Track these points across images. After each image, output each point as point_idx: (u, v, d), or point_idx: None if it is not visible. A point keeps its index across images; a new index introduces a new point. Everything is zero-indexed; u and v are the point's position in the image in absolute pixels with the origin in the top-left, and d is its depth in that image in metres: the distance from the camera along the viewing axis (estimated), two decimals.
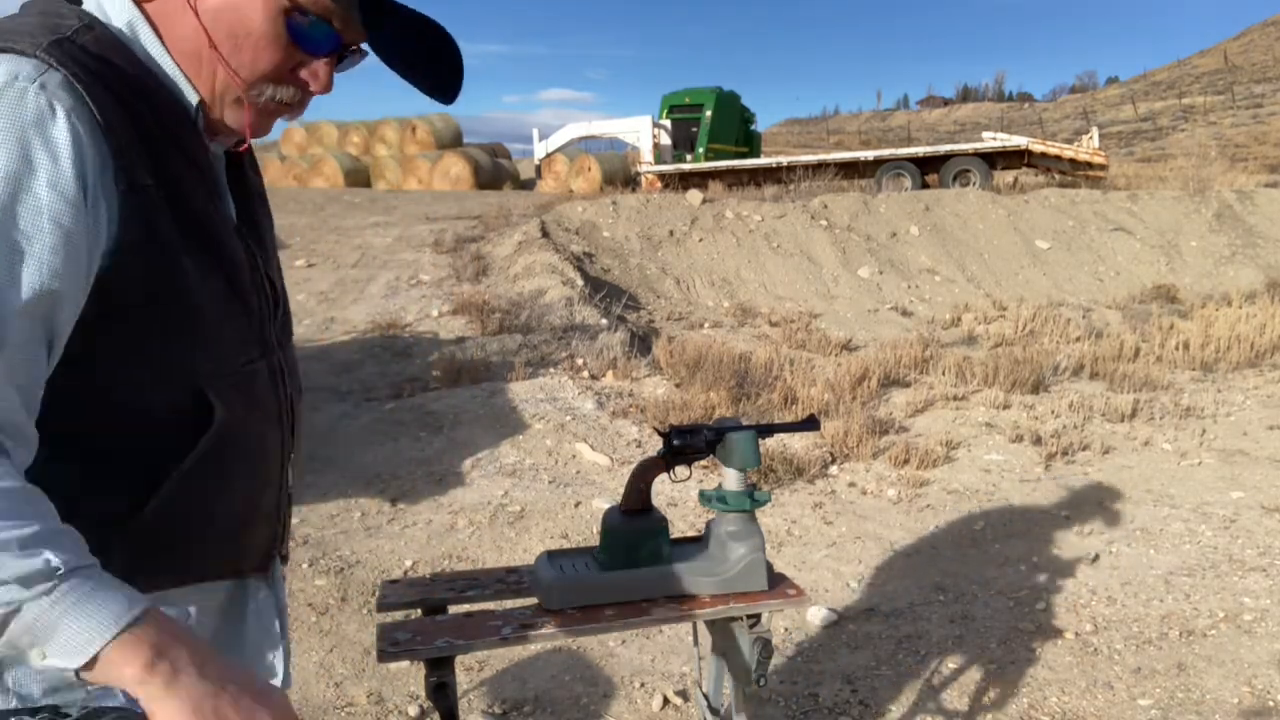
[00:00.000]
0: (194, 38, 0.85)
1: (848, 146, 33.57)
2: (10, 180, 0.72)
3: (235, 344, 0.92)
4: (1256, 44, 54.44)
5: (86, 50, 0.79)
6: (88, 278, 0.78)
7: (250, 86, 0.87)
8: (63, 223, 0.74)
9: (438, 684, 1.44)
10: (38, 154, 0.73)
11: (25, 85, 0.73)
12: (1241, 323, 8.07)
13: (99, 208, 0.78)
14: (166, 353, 0.85)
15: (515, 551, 3.66)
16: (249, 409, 0.93)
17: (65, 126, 0.74)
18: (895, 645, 2.99)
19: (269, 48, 0.85)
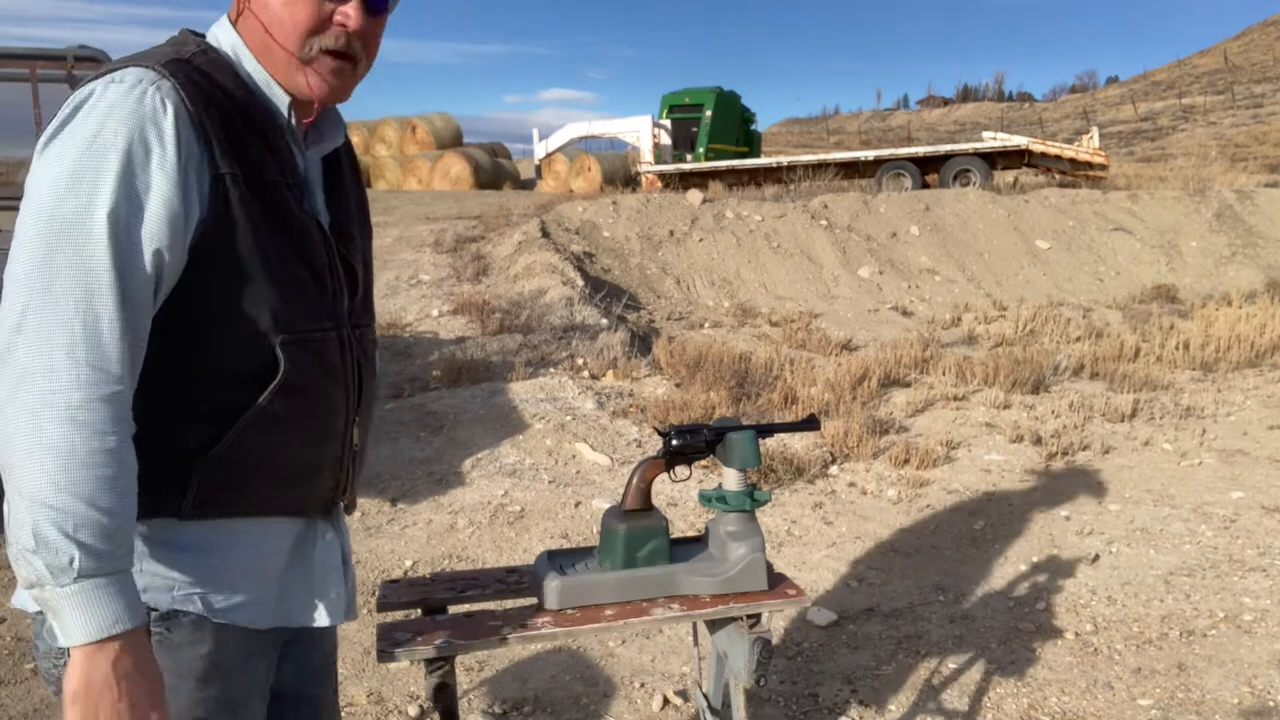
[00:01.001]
0: (261, 35, 1.05)
1: (848, 146, 33.58)
2: (130, 158, 0.92)
3: (306, 312, 1.06)
4: (1256, 44, 54.44)
5: (197, 68, 1.00)
6: (185, 246, 0.96)
7: (300, 47, 1.04)
8: (168, 198, 0.94)
9: (438, 684, 1.44)
10: (152, 140, 0.93)
11: (146, 87, 0.94)
12: (1241, 323, 8.06)
13: (191, 188, 0.96)
14: (245, 316, 1.00)
15: (515, 551, 3.65)
16: (315, 370, 1.07)
17: (172, 120, 0.94)
18: (895, 645, 2.99)
19: (301, 8, 1.02)
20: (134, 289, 0.92)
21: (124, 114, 0.92)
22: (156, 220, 0.93)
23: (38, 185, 0.92)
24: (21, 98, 4.51)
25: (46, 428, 0.86)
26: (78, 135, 0.92)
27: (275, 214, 1.03)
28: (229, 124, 1.00)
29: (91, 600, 0.86)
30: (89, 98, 0.94)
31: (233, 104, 1.02)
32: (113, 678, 0.87)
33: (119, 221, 0.91)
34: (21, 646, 2.91)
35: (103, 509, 0.87)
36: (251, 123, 1.03)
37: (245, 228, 0.99)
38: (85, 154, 0.91)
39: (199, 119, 0.97)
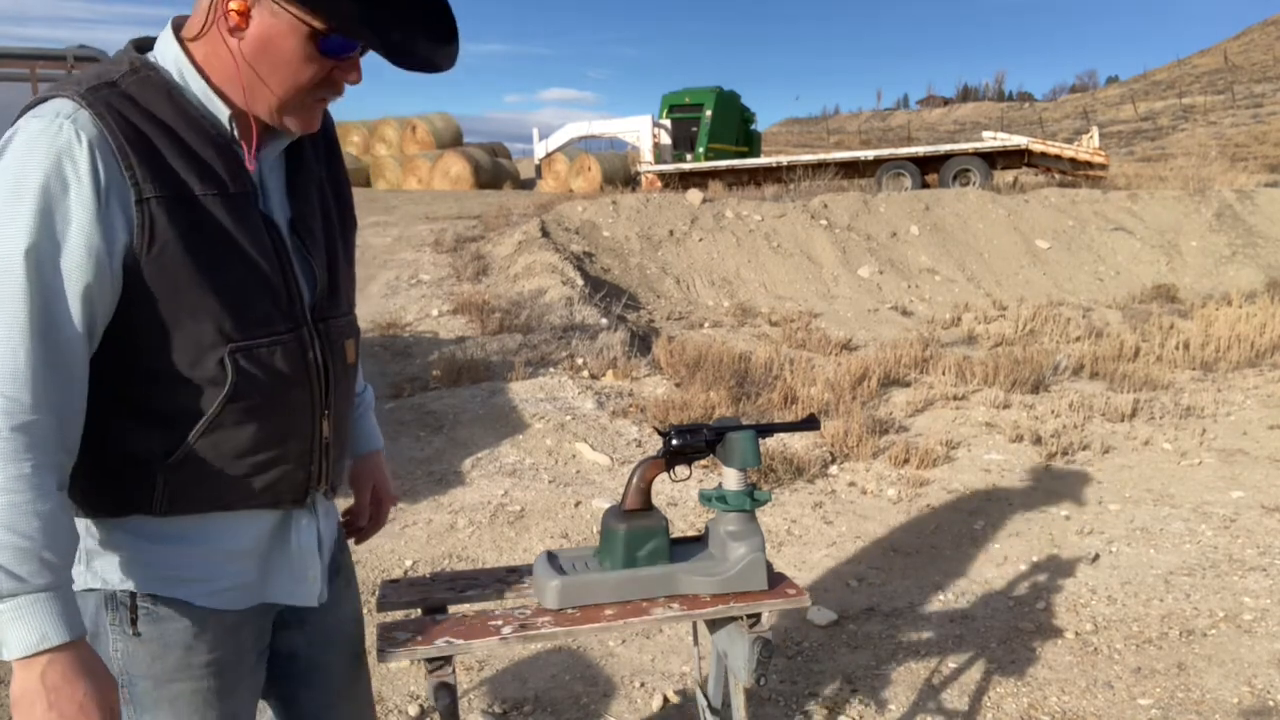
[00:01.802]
0: (238, 69, 1.04)
1: (848, 146, 33.57)
2: (48, 194, 0.95)
3: (254, 320, 1.09)
4: (1256, 44, 54.44)
5: (121, 92, 1.01)
6: (115, 271, 0.99)
7: (294, 96, 1.06)
8: (87, 230, 0.96)
9: (438, 684, 1.43)
10: (68, 173, 0.96)
11: (62, 120, 0.96)
12: (1241, 322, 8.06)
13: (114, 215, 0.98)
14: (188, 330, 1.04)
15: (515, 551, 3.66)
16: (267, 375, 1.11)
17: (87, 152, 0.96)
18: (895, 645, 2.99)
19: (305, 67, 1.05)
20: (56, 322, 0.96)
21: (40, 150, 0.95)
22: (78, 252, 0.96)
23: None
24: (21, 98, 4.52)
25: None
26: (2, 175, 0.96)
27: (209, 227, 1.04)
28: (150, 146, 1.01)
29: (19, 618, 0.92)
30: (14, 135, 0.98)
31: (157, 125, 1.02)
32: (41, 689, 0.94)
33: (38, 259, 0.94)
34: None
35: (20, 533, 0.92)
36: (180, 140, 1.03)
37: (176, 246, 1.01)
38: (5, 194, 0.95)
39: (117, 145, 0.98)
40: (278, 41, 1.03)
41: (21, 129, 0.97)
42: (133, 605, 1.12)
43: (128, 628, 1.13)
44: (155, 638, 1.13)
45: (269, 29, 1.02)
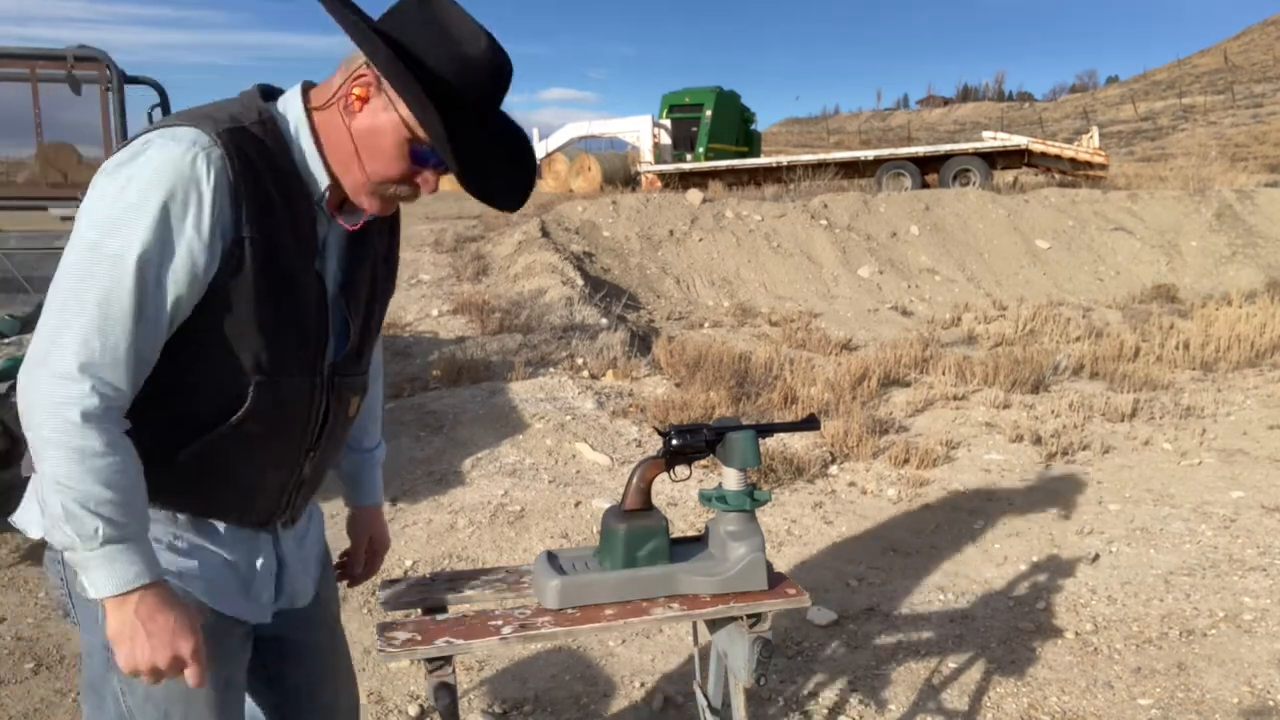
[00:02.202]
0: (345, 146, 1.19)
1: (848, 146, 33.57)
2: (168, 213, 1.07)
3: (286, 361, 1.21)
4: (1256, 44, 54.45)
5: (252, 136, 1.14)
6: (199, 291, 1.12)
7: (379, 184, 1.21)
8: (194, 252, 1.09)
9: (438, 684, 1.44)
10: (191, 200, 1.08)
11: (198, 151, 1.08)
12: (1241, 322, 8.06)
13: (215, 245, 1.11)
14: (232, 355, 1.16)
15: (515, 551, 3.65)
16: (278, 410, 1.22)
17: (212, 187, 1.09)
18: (895, 645, 2.99)
19: (395, 163, 1.19)
20: (148, 321, 1.09)
21: (172, 172, 1.07)
22: (180, 269, 1.09)
23: (89, 216, 1.08)
24: (21, 98, 4.51)
25: (67, 426, 1.04)
26: (132, 182, 1.07)
27: (279, 275, 1.17)
28: (262, 192, 1.14)
29: (114, 561, 1.07)
30: (148, 148, 1.09)
31: (272, 175, 1.16)
32: (136, 620, 1.10)
33: (147, 265, 1.07)
34: (21, 646, 2.91)
35: (117, 489, 1.07)
36: (283, 192, 1.17)
37: (250, 282, 1.14)
38: (133, 201, 1.07)
39: (236, 187, 1.11)
40: (381, 134, 1.17)
41: (157, 145, 1.08)
42: None
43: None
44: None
45: (378, 121, 1.17)
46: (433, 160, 1.20)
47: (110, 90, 4.33)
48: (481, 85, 1.19)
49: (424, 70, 1.14)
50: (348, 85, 1.18)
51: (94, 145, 4.63)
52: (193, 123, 1.11)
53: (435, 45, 1.16)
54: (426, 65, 1.14)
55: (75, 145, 5.13)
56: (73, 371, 1.04)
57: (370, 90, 1.16)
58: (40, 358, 1.06)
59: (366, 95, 1.17)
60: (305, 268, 1.21)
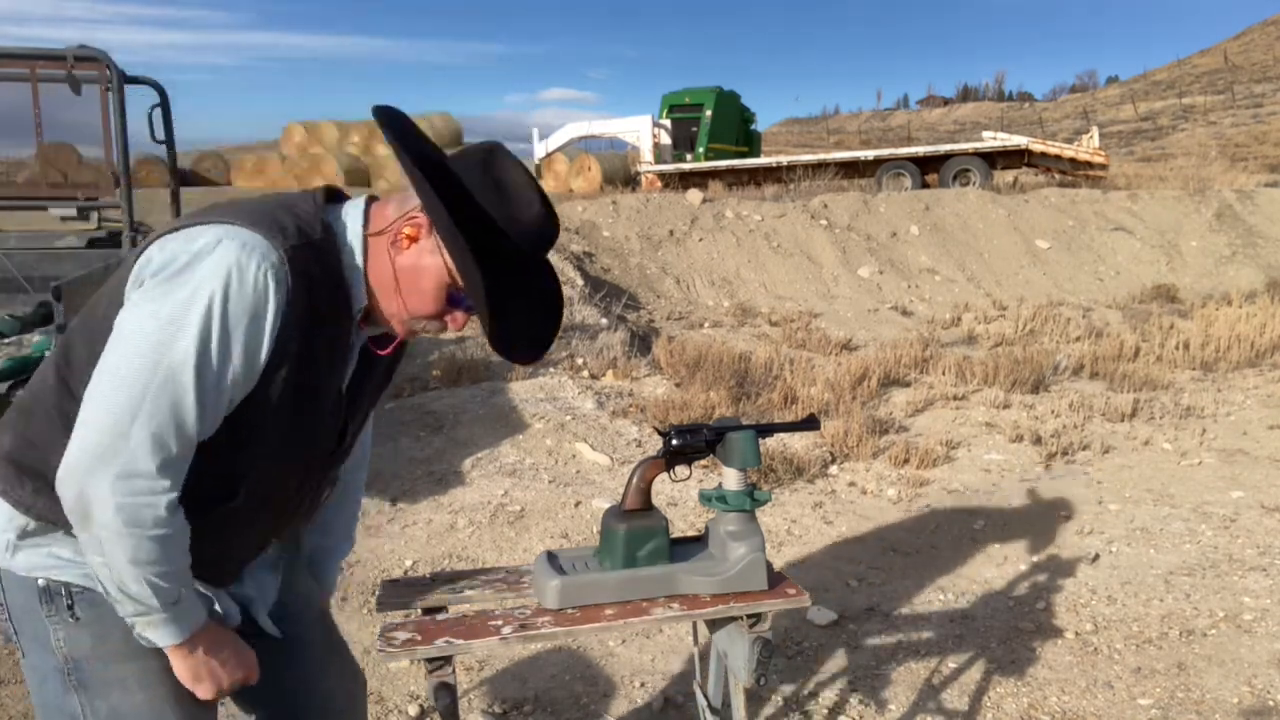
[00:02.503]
0: (388, 276, 1.24)
1: (848, 146, 33.56)
2: (227, 320, 1.10)
3: (281, 470, 1.27)
4: (1256, 44, 54.44)
5: (314, 252, 1.18)
6: (243, 394, 1.16)
7: (412, 318, 1.27)
8: (249, 364, 1.14)
9: (438, 684, 1.44)
10: (255, 313, 1.12)
11: (266, 267, 1.11)
12: (1241, 322, 8.07)
13: (264, 353, 1.15)
14: (237, 451, 1.20)
15: (515, 551, 3.65)
16: (261, 507, 1.27)
17: (274, 308, 1.13)
18: (895, 645, 2.99)
19: (431, 302, 1.25)
20: (208, 420, 1.13)
21: (237, 283, 1.10)
22: (238, 375, 1.14)
23: (154, 310, 1.10)
24: (21, 98, 4.51)
25: (152, 519, 1.10)
26: (202, 286, 1.10)
27: (307, 388, 1.22)
28: (314, 311, 1.18)
29: (171, 621, 1.17)
30: (218, 249, 1.11)
31: (325, 292, 1.20)
32: (207, 658, 1.22)
33: (209, 370, 1.11)
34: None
35: (169, 566, 1.14)
36: (330, 309, 1.22)
37: (280, 388, 1.18)
38: (201, 307, 1.09)
39: (294, 307, 1.15)
40: (423, 275, 1.23)
41: (224, 251, 1.11)
42: (68, 592, 1.22)
43: (66, 615, 1.22)
44: (95, 619, 1.22)
45: (422, 262, 1.23)
46: (465, 304, 1.27)
47: (110, 90, 4.32)
48: (527, 246, 1.28)
49: (475, 227, 1.21)
50: (401, 222, 1.23)
51: (94, 145, 4.63)
52: (265, 231, 1.13)
53: (492, 204, 1.24)
54: (479, 222, 1.22)
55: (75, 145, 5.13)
56: (153, 471, 1.09)
57: (420, 232, 1.23)
58: (104, 454, 1.07)
59: (416, 236, 1.23)
60: (333, 381, 1.28)
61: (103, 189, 4.59)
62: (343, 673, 1.58)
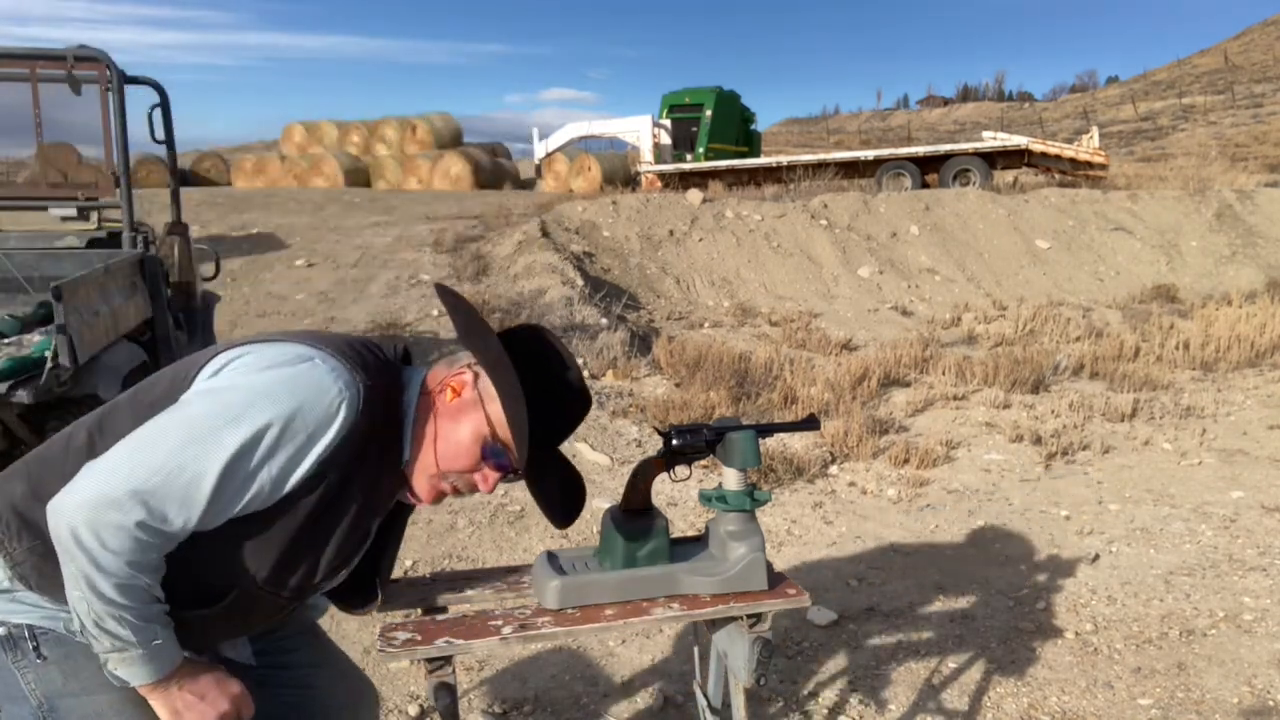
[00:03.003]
0: (428, 429, 1.29)
1: (848, 146, 33.55)
2: (285, 433, 1.13)
3: (278, 586, 1.26)
4: (1256, 43, 54.43)
5: (384, 398, 1.23)
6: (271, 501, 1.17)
7: (445, 471, 1.30)
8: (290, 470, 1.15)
9: (438, 684, 1.43)
10: (315, 430, 1.15)
11: (345, 397, 1.17)
12: (1241, 322, 8.07)
13: (307, 471, 1.16)
14: (237, 556, 1.21)
15: (515, 551, 3.65)
16: (248, 613, 1.28)
17: (336, 432, 1.16)
18: (895, 645, 2.99)
19: (466, 456, 1.29)
20: (207, 511, 1.12)
21: (315, 400, 1.15)
22: (275, 477, 1.14)
23: (219, 400, 1.14)
24: (21, 98, 4.51)
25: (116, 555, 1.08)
26: (280, 385, 1.15)
27: (334, 514, 1.24)
28: (364, 448, 1.21)
29: (147, 659, 1.15)
30: (311, 362, 1.18)
31: (377, 434, 1.23)
32: (181, 694, 1.20)
33: (240, 470, 1.12)
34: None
35: (150, 608, 1.14)
36: (378, 454, 1.25)
37: (303, 510, 1.20)
38: (270, 402, 1.13)
39: (350, 436, 1.18)
40: (462, 424, 1.28)
41: (313, 368, 1.17)
42: (31, 635, 1.21)
43: (33, 657, 1.22)
44: (62, 657, 1.22)
45: (464, 414, 1.28)
46: (497, 459, 1.30)
47: (110, 90, 4.32)
48: (571, 404, 1.38)
49: (526, 375, 1.27)
50: (449, 377, 1.31)
51: (94, 145, 4.62)
52: (350, 362, 1.20)
53: (543, 359, 1.34)
54: (531, 373, 1.29)
55: (75, 145, 5.13)
56: (147, 532, 1.09)
57: (465, 386, 1.29)
58: (108, 501, 1.08)
59: (460, 389, 1.29)
60: (364, 522, 1.30)
61: (103, 189, 4.58)
62: (342, 673, 1.60)
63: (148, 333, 4.30)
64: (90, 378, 3.40)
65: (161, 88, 4.74)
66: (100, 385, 3.42)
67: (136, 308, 4.09)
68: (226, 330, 6.72)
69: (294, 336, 1.24)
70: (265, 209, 13.50)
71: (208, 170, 20.46)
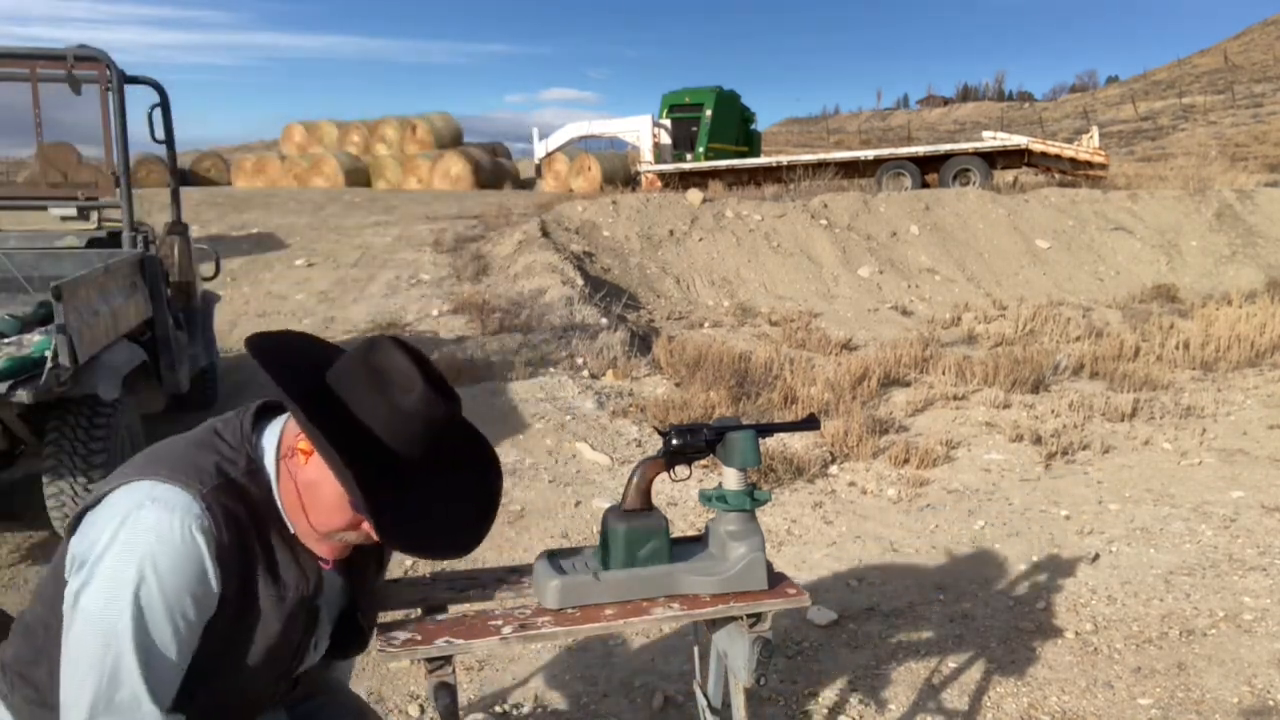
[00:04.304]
0: (294, 496, 1.21)
1: (848, 146, 33.54)
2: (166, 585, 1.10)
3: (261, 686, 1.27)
4: (1256, 43, 54.42)
5: (237, 490, 1.17)
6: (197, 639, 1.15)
7: (326, 533, 1.23)
8: (189, 614, 1.12)
9: (438, 684, 1.43)
10: (185, 569, 1.11)
11: (189, 521, 1.11)
12: (1241, 322, 8.06)
13: (207, 604, 1.14)
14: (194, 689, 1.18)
15: (515, 551, 3.65)
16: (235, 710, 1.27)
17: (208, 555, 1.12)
18: (895, 645, 2.99)
19: (337, 514, 1.20)
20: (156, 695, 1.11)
21: (166, 550, 1.09)
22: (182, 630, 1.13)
23: (91, 596, 1.10)
24: (21, 98, 4.51)
25: None
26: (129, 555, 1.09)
27: (255, 624, 1.21)
28: (244, 554, 1.17)
29: None
30: (140, 513, 1.11)
31: (256, 528, 1.19)
32: None
33: (152, 648, 1.11)
34: None
35: None
36: (265, 541, 1.20)
37: (224, 630, 1.18)
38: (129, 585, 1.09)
39: (222, 551, 1.14)
40: (324, 486, 1.18)
41: (145, 517, 1.10)
42: None
43: None
44: None
45: (322, 474, 1.17)
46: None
47: (110, 90, 4.32)
48: (411, 438, 1.21)
49: (348, 425, 1.17)
50: (293, 439, 1.21)
51: (94, 145, 4.63)
52: (183, 482, 1.13)
53: (368, 394, 1.19)
54: (354, 419, 1.18)
55: (75, 145, 5.13)
56: None
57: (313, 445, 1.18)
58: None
59: (309, 450, 1.19)
60: (289, 612, 1.24)
61: (103, 189, 4.58)
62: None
63: (148, 333, 4.31)
64: (90, 378, 3.41)
65: (161, 87, 4.74)
66: (100, 385, 3.42)
67: (136, 308, 4.09)
68: (226, 330, 6.72)
69: (124, 475, 1.17)
70: (265, 209, 13.50)
71: (208, 170, 20.46)
